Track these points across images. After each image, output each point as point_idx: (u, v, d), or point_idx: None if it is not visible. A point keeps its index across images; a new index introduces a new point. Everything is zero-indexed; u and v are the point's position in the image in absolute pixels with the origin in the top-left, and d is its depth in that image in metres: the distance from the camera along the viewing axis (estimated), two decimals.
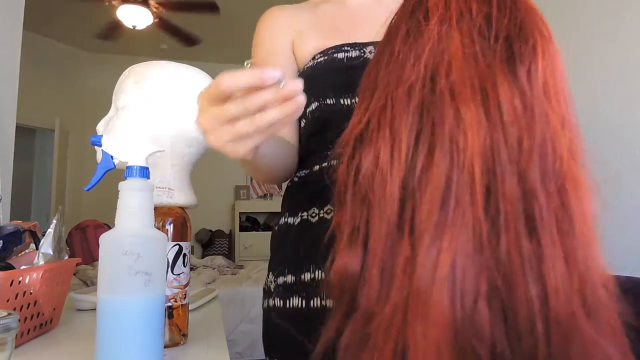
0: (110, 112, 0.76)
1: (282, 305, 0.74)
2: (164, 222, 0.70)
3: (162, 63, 0.75)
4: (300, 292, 0.72)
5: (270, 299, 0.77)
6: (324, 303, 0.69)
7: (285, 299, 0.73)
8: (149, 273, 0.52)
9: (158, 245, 0.55)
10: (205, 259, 3.91)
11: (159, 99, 0.72)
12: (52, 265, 0.74)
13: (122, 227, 0.54)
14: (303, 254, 0.73)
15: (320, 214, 0.73)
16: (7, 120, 1.61)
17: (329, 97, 0.76)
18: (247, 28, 3.46)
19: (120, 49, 5.00)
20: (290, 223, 0.78)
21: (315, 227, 0.73)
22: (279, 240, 0.80)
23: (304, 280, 0.72)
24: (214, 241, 5.63)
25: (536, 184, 0.35)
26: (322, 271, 0.69)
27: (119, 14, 3.78)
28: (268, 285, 0.79)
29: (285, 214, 0.80)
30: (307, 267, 0.72)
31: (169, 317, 0.68)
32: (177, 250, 0.70)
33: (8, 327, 0.49)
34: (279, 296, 0.75)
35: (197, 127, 0.46)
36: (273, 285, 0.77)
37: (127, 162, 0.57)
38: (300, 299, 0.72)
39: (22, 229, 0.77)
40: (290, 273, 0.74)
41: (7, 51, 1.63)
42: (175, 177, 0.74)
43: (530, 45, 0.38)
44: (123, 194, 0.54)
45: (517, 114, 0.36)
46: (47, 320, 0.75)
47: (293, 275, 0.74)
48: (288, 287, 0.74)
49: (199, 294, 1.13)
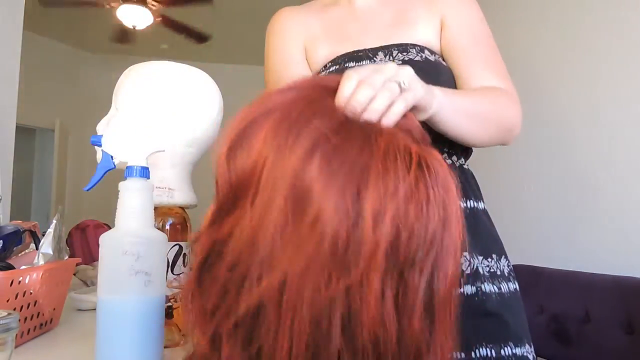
0: (110, 112, 0.76)
1: None
2: (164, 222, 0.70)
3: (162, 63, 0.75)
4: None
5: None
6: None
7: None
8: (149, 273, 0.52)
9: (158, 245, 0.55)
10: None
11: (159, 99, 0.72)
12: (52, 265, 0.74)
13: (122, 227, 0.53)
14: None
15: None
16: (7, 120, 1.61)
17: None
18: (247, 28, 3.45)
19: (121, 49, 4.99)
20: None
21: None
22: None
23: None
24: None
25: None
26: None
27: (119, 14, 3.77)
28: None
29: None
30: None
31: (169, 317, 0.68)
32: (177, 250, 0.70)
33: (8, 327, 0.49)
34: None
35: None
36: None
37: (127, 162, 0.57)
38: None
39: (22, 229, 0.77)
40: None
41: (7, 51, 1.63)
42: (175, 177, 0.74)
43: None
44: (123, 194, 0.54)
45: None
46: (47, 320, 0.75)
47: None
48: None
49: None
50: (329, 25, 0.87)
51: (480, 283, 0.71)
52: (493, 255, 0.75)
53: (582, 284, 1.39)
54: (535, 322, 1.46)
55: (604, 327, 1.28)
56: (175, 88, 0.73)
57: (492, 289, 0.72)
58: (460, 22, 0.82)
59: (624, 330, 1.23)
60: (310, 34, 0.86)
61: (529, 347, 0.72)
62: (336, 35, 0.85)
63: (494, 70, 0.78)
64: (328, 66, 0.82)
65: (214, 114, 0.77)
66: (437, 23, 0.82)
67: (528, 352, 0.71)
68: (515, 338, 0.70)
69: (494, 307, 0.71)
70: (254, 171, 0.36)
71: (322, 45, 0.85)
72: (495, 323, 0.70)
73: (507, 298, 0.73)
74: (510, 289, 0.74)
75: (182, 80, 0.74)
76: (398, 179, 0.34)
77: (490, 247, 0.76)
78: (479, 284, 0.71)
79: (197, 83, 0.75)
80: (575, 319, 1.36)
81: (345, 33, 0.85)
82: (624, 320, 1.23)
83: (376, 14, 0.85)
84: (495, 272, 0.74)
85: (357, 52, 0.80)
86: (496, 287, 0.72)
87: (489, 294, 0.71)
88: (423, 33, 0.81)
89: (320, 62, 0.84)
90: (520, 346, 0.70)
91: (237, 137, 0.38)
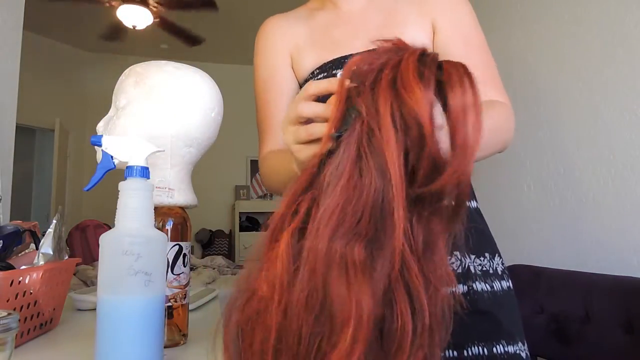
0: (110, 112, 0.76)
1: None
2: (164, 222, 0.70)
3: (162, 63, 0.75)
4: None
5: None
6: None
7: None
8: (149, 273, 0.52)
9: (158, 245, 0.55)
10: (205, 259, 3.91)
11: (159, 99, 0.72)
12: (52, 265, 0.74)
13: (122, 227, 0.53)
14: None
15: None
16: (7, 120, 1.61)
17: None
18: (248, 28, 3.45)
19: (121, 49, 5.00)
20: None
21: None
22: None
23: None
24: (214, 241, 5.63)
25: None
26: None
27: (119, 14, 3.77)
28: None
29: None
30: None
31: (169, 317, 0.68)
32: (177, 250, 0.70)
33: (8, 327, 0.49)
34: None
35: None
36: None
37: (127, 162, 0.57)
38: None
39: (22, 229, 0.77)
40: None
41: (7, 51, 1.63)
42: (175, 177, 0.74)
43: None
44: (123, 194, 0.54)
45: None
46: (47, 320, 0.75)
47: None
48: None
49: (199, 294, 1.13)
50: (315, 31, 0.86)
51: (471, 282, 0.72)
52: (486, 254, 0.75)
53: (582, 284, 1.39)
54: (535, 322, 1.46)
55: (604, 327, 1.28)
56: (175, 88, 0.73)
57: (484, 288, 0.72)
58: (451, 27, 0.80)
59: (624, 330, 1.23)
60: (296, 43, 0.87)
61: (522, 344, 0.72)
62: (323, 41, 0.84)
63: (489, 82, 0.76)
64: (315, 73, 0.82)
65: (214, 114, 0.77)
66: (428, 26, 0.81)
67: (521, 349, 0.71)
68: (507, 336, 0.71)
69: (486, 306, 0.71)
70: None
71: (308, 53, 0.85)
72: (487, 321, 0.70)
73: (500, 296, 0.73)
74: (504, 287, 0.75)
75: (182, 80, 0.74)
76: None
77: (483, 245, 0.76)
78: (470, 282, 0.72)
79: (197, 83, 0.75)
80: (575, 319, 1.36)
81: (332, 38, 0.84)
82: (624, 320, 1.23)
83: (364, 16, 0.84)
84: (487, 270, 0.74)
85: (344, 58, 0.79)
86: (488, 286, 0.73)
87: (481, 293, 0.72)
88: (413, 35, 0.79)
89: (307, 69, 0.84)
90: (513, 344, 0.71)
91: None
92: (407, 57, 0.38)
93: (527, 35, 2.02)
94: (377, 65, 0.39)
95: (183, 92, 0.73)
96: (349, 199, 0.36)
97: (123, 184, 0.55)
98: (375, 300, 0.34)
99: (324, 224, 0.36)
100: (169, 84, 0.73)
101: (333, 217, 0.36)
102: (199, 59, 4.99)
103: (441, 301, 0.38)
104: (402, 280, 0.36)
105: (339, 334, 0.33)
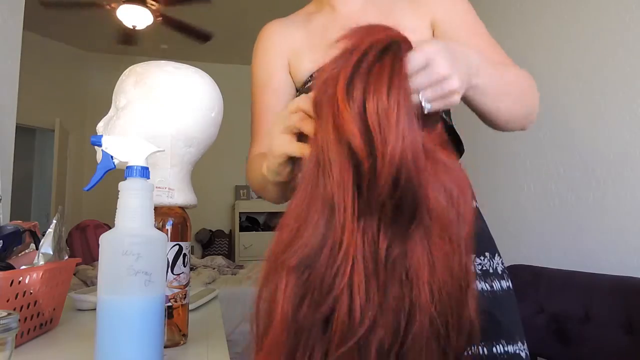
0: (110, 112, 0.76)
1: None
2: (164, 222, 0.70)
3: (162, 63, 0.75)
4: None
5: None
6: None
7: None
8: (149, 273, 0.52)
9: (158, 245, 0.55)
10: (205, 259, 3.91)
11: (159, 99, 0.72)
12: (52, 265, 0.74)
13: (122, 227, 0.54)
14: None
15: None
16: (7, 120, 1.61)
17: None
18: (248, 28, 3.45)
19: (121, 49, 4.99)
20: None
21: None
22: None
23: None
24: (214, 241, 5.63)
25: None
26: None
27: (119, 14, 3.77)
28: None
29: None
30: None
31: (169, 317, 0.68)
32: (177, 250, 0.70)
33: (8, 327, 0.49)
34: None
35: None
36: None
37: (127, 162, 0.57)
38: None
39: (22, 229, 0.77)
40: None
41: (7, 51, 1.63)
42: (175, 177, 0.74)
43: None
44: (123, 194, 0.54)
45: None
46: (47, 320, 0.75)
47: None
48: None
49: (199, 294, 1.13)
50: (313, 34, 0.87)
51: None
52: (486, 254, 0.76)
53: (582, 284, 1.39)
54: (535, 322, 1.46)
55: (604, 327, 1.28)
56: (175, 88, 0.73)
57: (483, 287, 0.72)
58: (453, 17, 0.81)
59: (624, 330, 1.23)
60: (294, 47, 0.88)
61: (522, 344, 0.72)
62: (321, 44, 0.84)
63: (502, 58, 0.78)
64: (314, 76, 0.82)
65: (214, 114, 0.77)
66: (426, 25, 0.81)
67: (520, 349, 0.71)
68: (507, 336, 0.71)
69: (486, 305, 0.71)
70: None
71: (306, 58, 0.85)
72: (487, 321, 0.70)
73: (500, 296, 0.73)
74: (503, 287, 0.75)
75: (182, 80, 0.74)
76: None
77: (483, 245, 0.76)
78: None
79: (197, 83, 0.75)
80: (575, 319, 1.36)
81: (330, 41, 0.84)
82: (624, 320, 1.23)
83: (361, 17, 0.84)
84: (487, 270, 0.74)
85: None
86: (488, 285, 0.73)
87: (480, 292, 0.72)
88: (410, 34, 0.80)
89: (305, 72, 0.85)
90: (513, 344, 0.71)
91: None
92: (342, 74, 0.44)
93: (526, 35, 2.02)
94: (322, 80, 0.45)
95: (183, 92, 0.73)
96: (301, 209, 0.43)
97: (123, 184, 0.55)
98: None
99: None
100: (169, 84, 0.73)
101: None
102: (199, 59, 4.99)
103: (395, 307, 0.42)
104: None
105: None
